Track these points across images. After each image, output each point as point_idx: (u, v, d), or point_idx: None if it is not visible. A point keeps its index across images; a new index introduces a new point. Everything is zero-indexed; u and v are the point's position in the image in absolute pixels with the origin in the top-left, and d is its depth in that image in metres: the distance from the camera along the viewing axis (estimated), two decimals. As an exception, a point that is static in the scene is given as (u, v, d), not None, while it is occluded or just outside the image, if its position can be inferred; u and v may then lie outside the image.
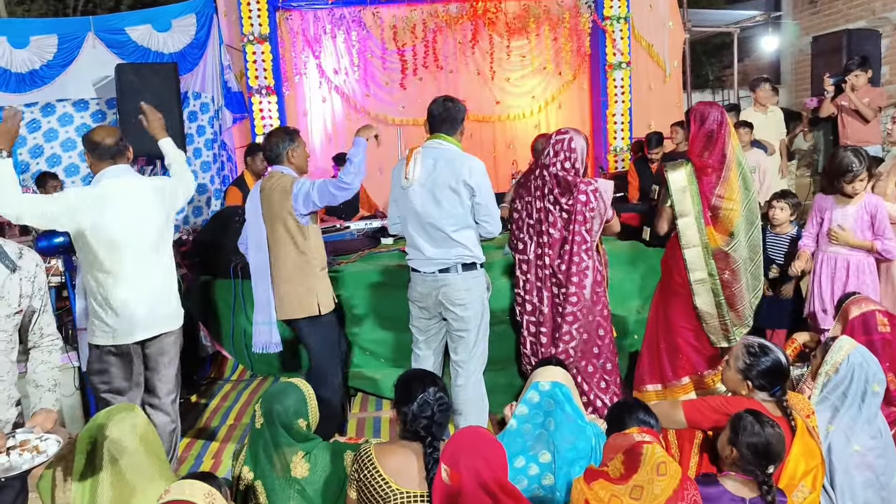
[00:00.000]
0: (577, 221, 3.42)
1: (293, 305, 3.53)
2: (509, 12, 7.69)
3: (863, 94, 6.12)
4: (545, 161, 3.52)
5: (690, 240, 3.53)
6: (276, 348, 3.68)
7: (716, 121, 3.47)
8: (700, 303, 3.58)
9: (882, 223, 3.65)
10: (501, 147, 8.08)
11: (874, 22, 10.82)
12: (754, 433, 2.33)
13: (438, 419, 2.37)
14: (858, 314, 3.28)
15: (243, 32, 6.95)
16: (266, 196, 3.50)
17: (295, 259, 3.49)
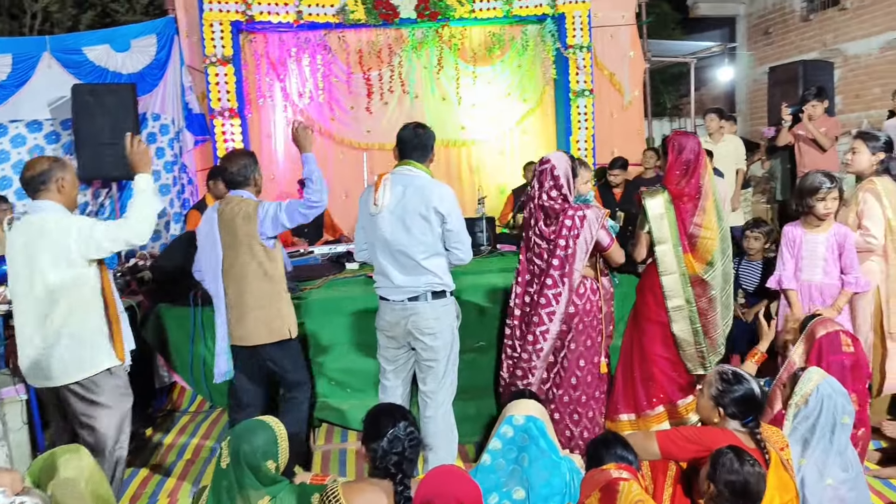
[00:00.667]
0: (558, 246, 3.40)
1: (262, 331, 3.42)
2: (475, 38, 7.74)
3: (819, 124, 6.27)
4: (532, 193, 3.51)
5: (668, 267, 3.54)
6: (228, 376, 3.57)
7: (693, 151, 3.51)
8: (677, 329, 3.57)
9: (850, 255, 3.68)
10: (466, 172, 8.07)
11: (826, 53, 11.20)
12: (733, 471, 2.30)
13: (409, 455, 2.29)
14: (824, 334, 3.31)
15: (205, 54, 6.83)
16: (226, 222, 3.39)
17: (262, 284, 3.41)
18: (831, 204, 3.71)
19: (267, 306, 3.42)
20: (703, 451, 2.55)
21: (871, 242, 3.74)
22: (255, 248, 3.37)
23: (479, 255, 5.38)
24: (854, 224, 3.83)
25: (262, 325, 3.42)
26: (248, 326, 3.43)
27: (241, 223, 3.36)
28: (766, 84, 8.86)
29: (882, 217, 3.74)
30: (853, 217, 3.85)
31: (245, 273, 3.39)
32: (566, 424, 3.56)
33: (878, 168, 3.86)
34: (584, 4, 7.40)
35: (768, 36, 13.29)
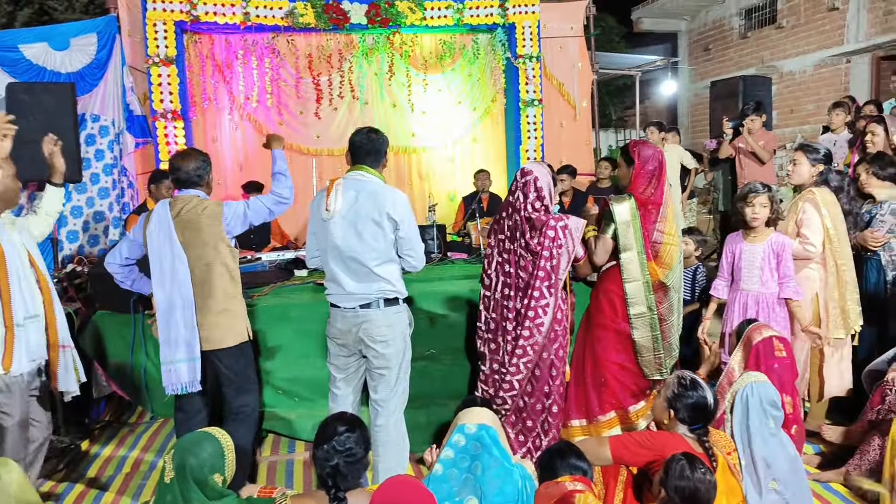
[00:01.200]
0: (543, 257, 3.39)
1: (224, 334, 3.32)
2: (426, 46, 7.75)
3: (758, 137, 6.48)
4: (515, 204, 3.47)
5: (632, 274, 3.57)
6: (198, 387, 3.34)
7: (657, 159, 3.59)
8: (638, 336, 3.62)
9: (786, 263, 3.78)
10: (416, 179, 8.06)
11: (762, 70, 11.61)
12: (684, 477, 2.33)
13: (343, 470, 2.24)
14: (760, 340, 3.41)
15: (148, 54, 6.65)
16: (186, 223, 3.28)
17: (227, 286, 3.32)
18: (759, 210, 3.79)
19: (229, 308, 3.33)
20: (655, 456, 2.59)
21: (809, 250, 3.86)
22: (222, 247, 3.29)
23: (429, 263, 5.36)
24: (793, 233, 3.95)
25: (224, 327, 3.32)
26: (212, 330, 3.31)
27: (207, 223, 3.26)
28: (707, 98, 9.13)
29: (821, 226, 3.86)
30: (792, 226, 3.96)
31: (210, 275, 3.29)
32: (537, 433, 3.55)
33: (818, 179, 3.98)
34: (533, 15, 7.49)
35: (708, 52, 13.72)
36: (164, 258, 3.29)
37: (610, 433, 3.56)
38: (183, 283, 3.26)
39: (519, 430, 3.56)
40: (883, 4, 9.55)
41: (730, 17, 12.98)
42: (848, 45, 10.17)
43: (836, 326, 3.92)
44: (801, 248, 3.87)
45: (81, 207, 6.71)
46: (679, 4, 13.39)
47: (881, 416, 3.31)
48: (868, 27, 9.85)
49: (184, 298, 3.26)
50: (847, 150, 6.06)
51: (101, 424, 4.65)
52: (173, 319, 3.28)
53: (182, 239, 3.26)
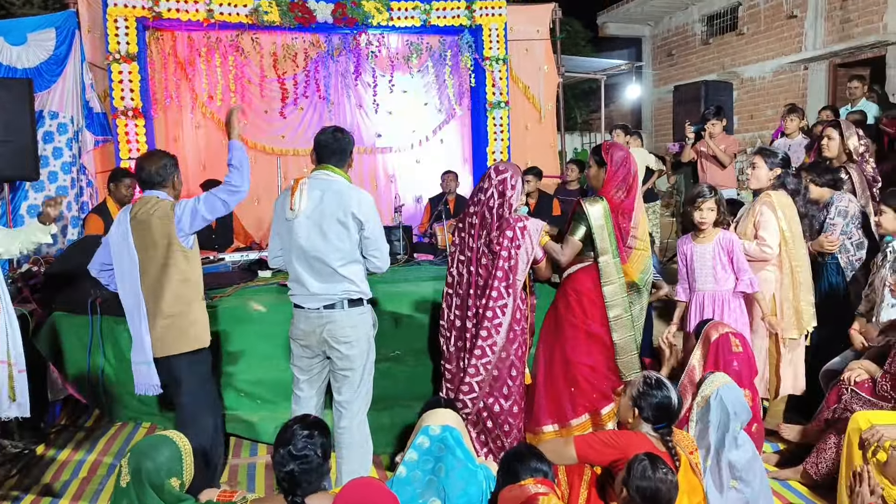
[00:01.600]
0: (501, 257, 3.39)
1: (175, 339, 3.26)
2: (392, 47, 7.72)
3: (719, 142, 6.59)
4: (489, 202, 3.45)
5: (610, 276, 3.61)
6: (157, 390, 3.30)
7: (630, 161, 3.64)
8: (618, 338, 3.66)
9: (739, 257, 3.87)
10: (383, 180, 8.03)
11: (723, 75, 11.82)
12: (645, 477, 2.35)
13: (298, 476, 2.21)
14: (717, 337, 3.47)
15: (109, 50, 6.51)
16: (140, 223, 3.22)
17: (177, 288, 3.24)
18: (707, 214, 3.87)
19: (179, 313, 3.26)
20: (619, 455, 2.60)
21: (766, 252, 3.94)
22: (173, 248, 3.22)
23: (395, 264, 5.35)
24: (751, 235, 4.01)
25: (176, 331, 3.26)
26: (162, 333, 3.25)
27: (157, 224, 3.20)
28: (670, 102, 9.28)
29: (777, 228, 3.94)
30: (751, 228, 4.03)
31: (161, 278, 3.23)
32: (497, 434, 3.55)
33: (775, 182, 4.06)
34: (500, 17, 7.51)
35: (672, 57, 13.93)
36: (122, 261, 3.25)
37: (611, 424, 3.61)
38: (136, 287, 3.22)
39: (480, 430, 3.56)
40: (840, 13, 9.80)
41: (692, 23, 13.20)
42: (806, 52, 10.42)
43: (790, 326, 4.00)
44: (758, 249, 3.94)
45: (38, 206, 6.53)
46: (643, 10, 13.58)
47: (837, 415, 3.39)
48: (825, 35, 10.10)
49: (139, 303, 3.22)
50: (803, 155, 6.21)
51: (57, 428, 4.52)
52: (134, 322, 3.26)
53: (136, 241, 3.21)
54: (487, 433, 3.53)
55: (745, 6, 11.69)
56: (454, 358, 3.57)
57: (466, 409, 3.46)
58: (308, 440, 2.24)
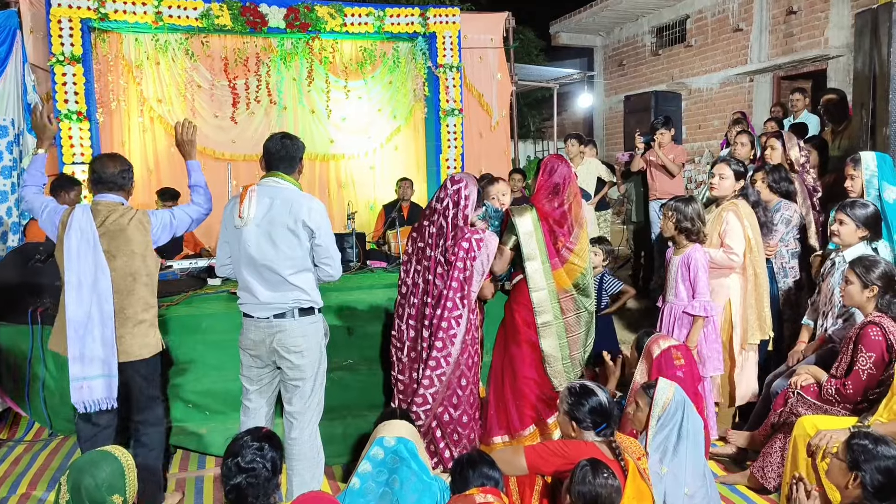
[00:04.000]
0: (457, 268, 3.39)
1: (141, 345, 3.22)
2: (346, 53, 7.68)
3: (668, 151, 6.72)
4: (444, 212, 3.43)
5: (538, 283, 3.61)
6: (113, 403, 3.17)
7: (563, 175, 3.64)
8: (546, 346, 3.65)
9: (694, 277, 3.89)
10: (335, 187, 7.96)
11: (672, 86, 12.08)
12: (585, 482, 2.39)
13: (246, 490, 2.16)
14: (659, 353, 3.53)
15: (52, 52, 6.32)
16: (113, 232, 3.14)
17: (145, 297, 3.25)
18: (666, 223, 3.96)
19: (147, 319, 3.27)
20: (568, 464, 2.62)
21: (733, 260, 4.02)
22: (148, 258, 3.22)
23: (348, 272, 5.31)
24: (717, 244, 4.08)
25: (139, 338, 3.23)
26: (131, 340, 3.20)
27: (134, 232, 3.17)
28: (621, 111, 9.42)
29: (743, 236, 4.03)
30: (716, 238, 4.09)
31: (134, 285, 3.19)
32: (447, 444, 3.53)
33: (738, 192, 4.17)
34: (454, 25, 7.55)
35: (622, 67, 14.18)
36: (84, 270, 3.10)
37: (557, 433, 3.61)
38: (104, 297, 3.12)
39: (429, 440, 3.55)
40: (783, 27, 10.11)
41: (642, 34, 13.46)
42: (751, 64, 10.71)
43: (754, 330, 4.11)
44: (725, 257, 4.01)
45: (-25, 212, 6.31)
46: (595, 20, 13.78)
47: (783, 419, 3.47)
48: (770, 48, 10.40)
49: (103, 313, 3.11)
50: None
51: (-6, 443, 4.36)
52: (89, 335, 3.11)
53: (107, 249, 3.12)
54: (436, 443, 3.52)
55: (693, 19, 11.97)
56: (406, 369, 3.55)
57: (420, 421, 3.43)
58: (258, 453, 2.20)
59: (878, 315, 3.31)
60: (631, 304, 5.91)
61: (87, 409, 3.15)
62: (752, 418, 3.97)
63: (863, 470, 2.33)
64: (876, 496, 2.32)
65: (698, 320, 3.89)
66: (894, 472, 2.31)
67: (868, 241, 3.80)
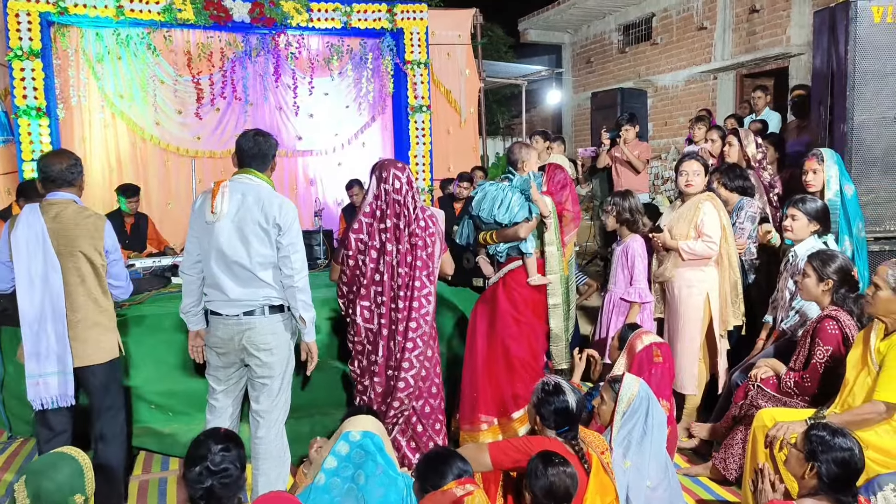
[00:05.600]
0: (418, 247, 3.39)
1: (95, 349, 3.18)
2: (312, 48, 7.62)
3: (633, 148, 6.79)
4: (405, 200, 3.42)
5: (553, 267, 3.97)
6: (70, 401, 3.15)
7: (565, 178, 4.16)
8: (554, 325, 3.98)
9: (633, 265, 4.15)
10: (303, 183, 7.91)
11: (639, 83, 12.19)
12: (538, 475, 2.43)
13: (218, 492, 2.14)
14: (642, 348, 3.57)
15: (10, 46, 6.18)
16: (63, 230, 3.09)
17: (100, 298, 3.20)
18: (607, 217, 4.32)
19: (101, 323, 3.21)
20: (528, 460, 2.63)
21: (711, 248, 4.06)
22: (97, 260, 3.17)
23: (314, 269, 5.26)
24: (692, 236, 4.11)
25: (97, 342, 3.19)
26: (84, 345, 3.16)
27: (85, 232, 3.13)
28: (588, 108, 9.49)
29: (719, 225, 4.09)
30: (693, 231, 4.12)
31: (84, 286, 3.15)
32: (430, 436, 3.53)
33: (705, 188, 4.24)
34: (421, 22, 7.53)
35: (590, 64, 14.28)
36: (33, 266, 3.08)
37: (522, 429, 3.69)
38: (55, 293, 3.08)
39: (410, 437, 3.53)
40: (746, 26, 10.26)
41: (609, 32, 13.57)
42: (715, 62, 10.86)
43: (732, 317, 4.20)
44: (705, 246, 4.05)
45: (-70, 210, 6.14)
46: (563, 18, 13.85)
47: (743, 412, 3.53)
48: (733, 46, 10.56)
49: (55, 309, 3.09)
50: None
51: (-50, 447, 4.25)
52: (43, 332, 3.10)
53: (56, 246, 3.07)
54: (418, 438, 3.51)
55: (659, 17, 12.10)
56: (367, 373, 3.49)
57: (405, 409, 3.45)
58: (225, 453, 2.17)
59: (835, 309, 3.38)
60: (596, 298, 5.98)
61: (44, 405, 3.13)
62: (716, 411, 4.03)
63: (819, 461, 2.38)
64: (831, 486, 2.37)
65: (634, 306, 4.17)
66: (850, 463, 2.37)
67: (818, 234, 3.89)
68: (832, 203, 4.09)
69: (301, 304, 3.15)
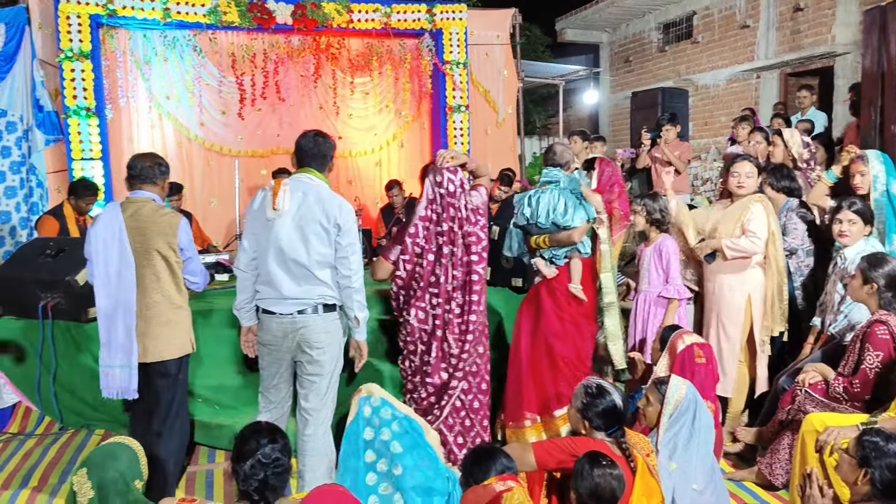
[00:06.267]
0: (473, 243, 3.47)
1: (167, 345, 3.28)
2: (352, 49, 7.68)
3: (673, 148, 6.72)
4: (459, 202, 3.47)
5: (607, 265, 3.99)
6: (133, 395, 3.25)
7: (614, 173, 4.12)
8: (609, 324, 4.00)
9: (668, 263, 4.10)
10: (343, 183, 7.97)
11: (679, 83, 12.04)
12: (584, 476, 2.42)
13: (272, 482, 2.19)
14: (683, 348, 3.53)
15: (60, 48, 6.34)
16: (140, 226, 3.19)
17: (174, 295, 3.29)
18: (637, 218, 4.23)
19: (174, 319, 3.30)
20: (574, 461, 2.63)
21: (756, 245, 4.01)
22: (172, 258, 3.26)
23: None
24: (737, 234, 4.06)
25: (168, 339, 3.30)
26: (155, 341, 3.27)
27: (161, 230, 3.23)
28: (627, 108, 9.42)
29: (766, 227, 4.03)
30: (738, 230, 4.07)
31: (158, 283, 3.25)
32: (477, 431, 3.55)
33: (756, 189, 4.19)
34: (461, 22, 7.55)
35: (629, 64, 14.15)
36: (109, 261, 3.19)
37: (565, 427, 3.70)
38: (128, 289, 3.18)
39: (457, 432, 3.55)
40: (791, 24, 10.08)
41: (649, 31, 13.43)
42: (758, 61, 10.67)
43: (777, 323, 4.16)
44: (749, 243, 4.00)
45: (-14, 206, 6.35)
46: (601, 17, 13.74)
47: (791, 417, 3.48)
48: (777, 45, 10.37)
49: (126, 305, 3.19)
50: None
51: (6, 437, 4.39)
52: (114, 325, 3.21)
53: (132, 244, 3.16)
54: (465, 432, 3.52)
55: (700, 15, 11.93)
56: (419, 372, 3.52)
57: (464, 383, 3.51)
58: (274, 445, 2.23)
59: (885, 313, 3.31)
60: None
61: (111, 395, 3.25)
62: (762, 415, 3.98)
63: (873, 467, 2.33)
64: (885, 493, 2.33)
65: (672, 304, 4.11)
66: (904, 469, 2.32)
67: (866, 236, 3.84)
68: (878, 202, 4.03)
69: (356, 305, 3.20)
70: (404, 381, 3.63)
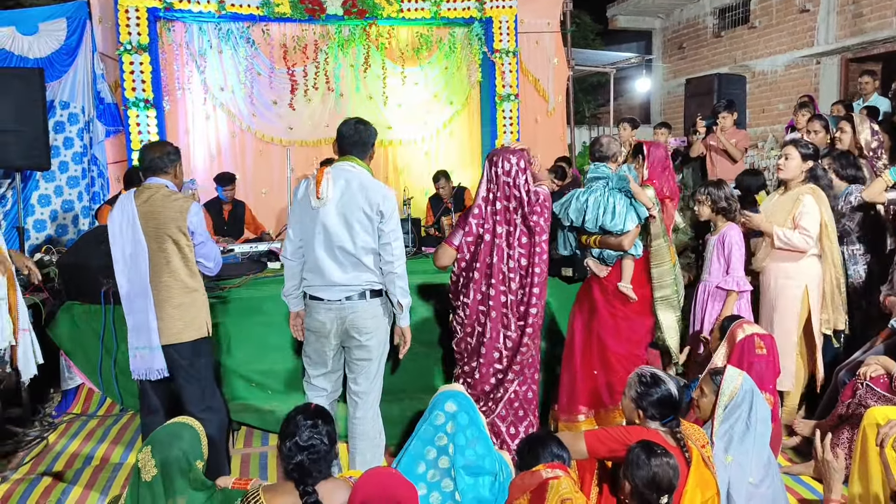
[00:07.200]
0: (537, 233, 3.39)
1: (182, 328, 3.29)
2: (402, 38, 7.70)
3: (730, 136, 6.54)
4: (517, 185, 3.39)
5: (662, 258, 3.85)
6: (158, 374, 3.31)
7: (665, 156, 3.97)
8: (663, 317, 3.90)
9: (730, 253, 3.99)
10: (392, 173, 8.02)
11: (735, 69, 11.73)
12: (640, 465, 2.37)
13: (308, 466, 2.21)
14: (743, 337, 3.45)
15: (120, 41, 6.53)
16: (152, 211, 3.24)
17: (185, 279, 3.29)
18: (701, 208, 4.15)
19: (187, 302, 3.30)
20: (626, 450, 2.60)
21: (807, 241, 3.89)
22: (182, 240, 3.26)
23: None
24: (789, 226, 3.96)
25: (184, 322, 3.29)
26: (170, 323, 3.28)
27: (171, 214, 3.24)
28: (680, 95, 9.22)
29: (819, 220, 3.91)
30: (790, 221, 3.96)
31: (170, 266, 3.26)
32: (530, 421, 3.54)
33: (807, 175, 4.03)
34: (510, 10, 7.49)
35: (682, 50, 13.85)
36: (125, 246, 3.26)
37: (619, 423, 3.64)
38: (142, 273, 3.24)
39: (510, 422, 3.55)
40: (852, 7, 9.72)
41: (704, 16, 13.11)
42: (818, 46, 10.34)
43: (838, 317, 4.04)
44: (800, 237, 3.89)
45: (49, 196, 6.59)
46: (654, 2, 13.49)
47: (851, 410, 3.37)
48: (837, 30, 10.02)
49: (142, 289, 3.24)
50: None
51: (70, 417, 4.56)
52: (133, 307, 3.29)
53: (145, 229, 3.23)
54: (518, 422, 3.51)
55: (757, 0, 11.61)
56: (475, 354, 3.46)
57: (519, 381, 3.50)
58: (313, 430, 2.24)
59: (954, 305, 3.18)
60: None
61: (140, 377, 3.32)
62: (820, 409, 3.87)
63: (938, 461, 2.25)
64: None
65: (731, 295, 3.99)
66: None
67: None
68: None
69: (399, 291, 3.22)
70: (459, 363, 3.62)
